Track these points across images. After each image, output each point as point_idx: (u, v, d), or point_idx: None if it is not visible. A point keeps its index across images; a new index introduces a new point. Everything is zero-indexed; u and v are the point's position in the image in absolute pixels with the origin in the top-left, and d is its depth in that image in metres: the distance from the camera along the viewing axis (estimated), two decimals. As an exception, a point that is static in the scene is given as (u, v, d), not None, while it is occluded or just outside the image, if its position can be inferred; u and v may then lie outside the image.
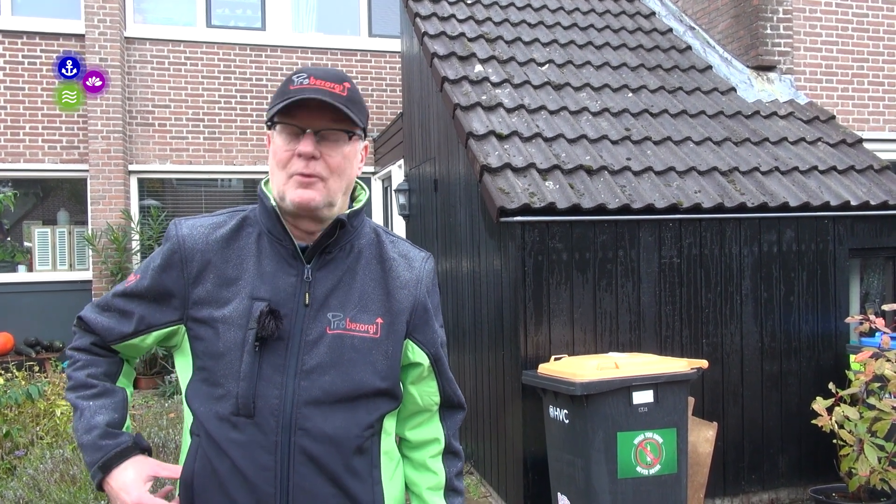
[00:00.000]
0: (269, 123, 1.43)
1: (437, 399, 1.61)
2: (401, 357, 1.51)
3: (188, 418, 1.46)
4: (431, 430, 1.62)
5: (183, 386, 1.48)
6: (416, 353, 1.54)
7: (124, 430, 1.48)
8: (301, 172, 1.39)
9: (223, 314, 1.42)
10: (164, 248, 1.49)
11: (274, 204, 1.44)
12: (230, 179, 9.49)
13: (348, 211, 1.49)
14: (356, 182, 1.56)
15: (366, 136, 1.52)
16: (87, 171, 8.60)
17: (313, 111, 1.39)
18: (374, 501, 1.46)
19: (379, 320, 1.47)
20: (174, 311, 1.46)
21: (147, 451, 1.49)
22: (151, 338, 1.49)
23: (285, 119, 1.40)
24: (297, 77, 1.40)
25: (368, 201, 1.59)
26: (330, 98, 1.37)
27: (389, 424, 1.53)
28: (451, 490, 1.62)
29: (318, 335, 1.42)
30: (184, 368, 1.48)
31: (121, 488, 1.38)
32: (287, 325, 1.41)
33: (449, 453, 1.64)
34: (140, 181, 9.01)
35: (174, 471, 1.45)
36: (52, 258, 8.72)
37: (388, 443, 1.52)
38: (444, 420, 1.64)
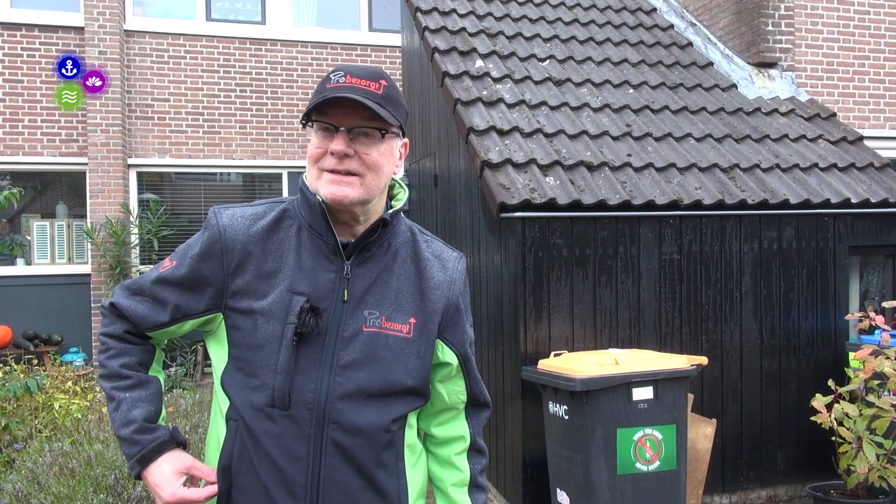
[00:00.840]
0: (304, 122, 1.44)
1: (463, 398, 1.63)
2: (432, 357, 1.53)
3: (223, 403, 1.47)
4: (457, 428, 1.64)
5: (218, 371, 1.48)
6: (445, 353, 1.55)
7: (160, 421, 1.50)
8: (333, 169, 1.40)
9: (262, 306, 1.42)
10: (203, 236, 1.49)
11: (320, 199, 1.44)
12: (229, 173, 9.46)
13: (391, 211, 1.51)
14: (396, 181, 1.58)
15: (404, 133, 1.52)
16: (86, 164, 8.57)
17: (347, 109, 1.40)
18: (399, 492, 1.48)
19: (412, 320, 1.48)
20: (211, 299, 1.46)
21: (183, 445, 1.50)
22: (188, 325, 1.50)
23: (320, 117, 1.41)
24: (335, 75, 1.41)
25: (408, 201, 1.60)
26: (363, 96, 1.37)
27: (412, 418, 1.56)
28: (475, 486, 1.65)
29: (355, 332, 1.43)
30: (219, 355, 1.49)
31: (156, 483, 1.42)
32: (325, 321, 1.42)
33: (473, 450, 1.66)
34: (139, 175, 8.98)
35: (207, 473, 1.46)
36: (50, 251, 8.70)
37: (411, 436, 1.55)
38: (469, 418, 1.66)
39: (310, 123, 1.43)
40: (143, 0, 9.14)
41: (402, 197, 1.57)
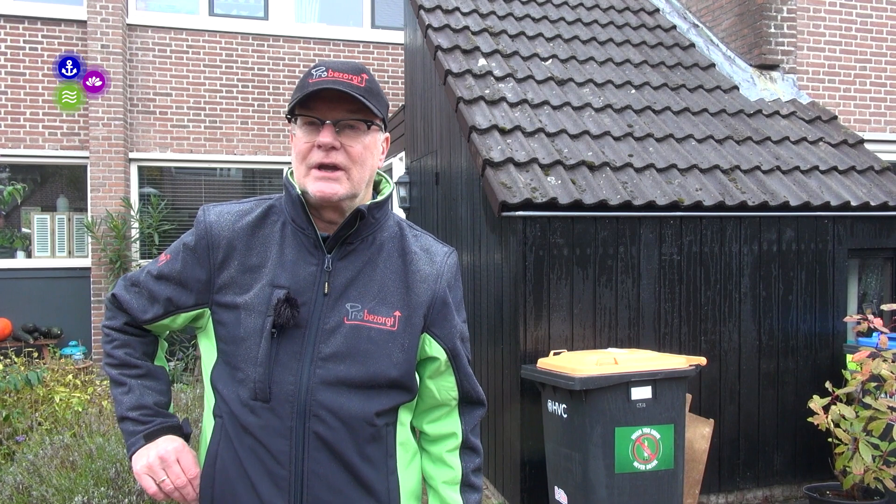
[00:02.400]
0: (289, 117, 1.45)
1: (454, 394, 1.62)
2: (417, 351, 1.52)
3: (210, 400, 1.50)
4: (449, 425, 1.63)
5: (208, 367, 1.51)
6: (433, 348, 1.55)
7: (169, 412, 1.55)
8: (321, 162, 1.41)
9: (245, 300, 1.45)
10: (192, 232, 1.53)
11: (299, 192, 1.46)
12: (230, 169, 9.47)
13: (369, 202, 1.50)
14: (382, 175, 1.59)
15: (386, 127, 1.53)
16: (87, 157, 8.58)
17: (332, 102, 1.41)
18: (389, 490, 1.48)
19: (397, 313, 1.48)
20: (200, 294, 1.50)
21: (187, 437, 1.54)
22: (181, 319, 1.54)
23: (304, 111, 1.42)
24: (316, 70, 1.43)
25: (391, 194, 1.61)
26: (347, 88, 1.39)
27: (405, 416, 1.55)
28: (467, 485, 1.62)
29: (336, 324, 1.44)
30: (208, 351, 1.52)
31: (156, 448, 1.44)
32: (305, 314, 1.43)
33: (466, 449, 1.64)
34: (140, 169, 8.99)
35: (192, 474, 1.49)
36: (50, 244, 8.70)
37: (403, 433, 1.54)
38: (462, 415, 1.64)
39: (294, 119, 1.45)
40: (145, -6, 9.14)
41: (387, 191, 1.57)
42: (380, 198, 1.53)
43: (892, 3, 6.71)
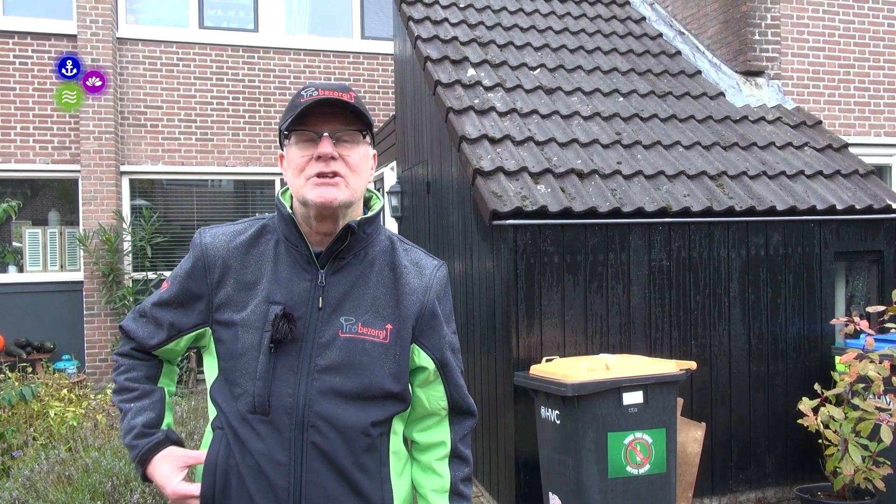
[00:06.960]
0: (285, 134, 1.50)
1: (444, 404, 1.66)
2: (408, 361, 1.57)
3: (211, 414, 1.56)
4: (438, 434, 1.67)
5: (209, 383, 1.57)
6: (421, 358, 1.59)
7: (163, 427, 1.60)
8: (321, 172, 1.46)
9: (242, 317, 1.50)
10: (189, 256, 1.59)
11: (290, 212, 1.52)
12: (221, 180, 9.49)
13: (360, 218, 1.54)
14: (372, 192, 1.64)
15: (374, 145, 1.59)
16: (78, 171, 8.58)
17: (326, 117, 1.47)
18: (384, 498, 1.52)
19: (389, 326, 1.53)
20: (200, 314, 1.56)
21: (178, 442, 1.59)
22: (184, 341, 1.60)
23: (301, 127, 1.47)
24: (306, 91, 1.48)
25: (382, 209, 1.65)
26: (340, 101, 1.45)
27: (398, 425, 1.59)
28: (456, 494, 1.66)
29: (331, 338, 1.48)
30: (210, 367, 1.57)
31: (160, 482, 1.52)
32: (301, 328, 1.48)
33: (455, 458, 1.68)
34: (132, 182, 9.00)
35: (200, 456, 1.54)
36: (42, 258, 8.69)
37: (396, 442, 1.58)
38: (452, 425, 1.68)
39: (288, 138, 1.49)
40: (135, 8, 9.17)
41: (377, 206, 1.62)
42: (370, 213, 1.58)
43: (874, 9, 6.81)
